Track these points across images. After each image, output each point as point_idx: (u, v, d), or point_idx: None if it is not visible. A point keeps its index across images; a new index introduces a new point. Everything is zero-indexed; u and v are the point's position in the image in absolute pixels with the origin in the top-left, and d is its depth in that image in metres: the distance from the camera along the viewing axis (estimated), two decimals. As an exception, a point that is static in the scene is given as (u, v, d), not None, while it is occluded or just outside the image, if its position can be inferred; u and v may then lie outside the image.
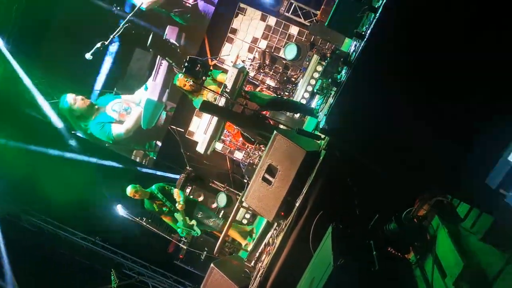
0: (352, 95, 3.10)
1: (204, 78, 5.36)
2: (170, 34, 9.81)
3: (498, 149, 2.57)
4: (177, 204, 6.82)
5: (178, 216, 6.92)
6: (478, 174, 2.65)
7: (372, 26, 2.97)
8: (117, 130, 10.42)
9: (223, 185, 9.43)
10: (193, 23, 9.69)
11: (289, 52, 8.01)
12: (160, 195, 6.91)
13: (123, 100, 10.37)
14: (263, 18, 9.45)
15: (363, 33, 3.16)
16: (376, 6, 3.05)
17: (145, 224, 6.20)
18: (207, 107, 5.28)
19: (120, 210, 6.09)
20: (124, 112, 10.33)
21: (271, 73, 8.76)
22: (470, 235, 3.45)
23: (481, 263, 3.23)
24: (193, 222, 6.95)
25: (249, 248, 5.98)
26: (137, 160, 10.66)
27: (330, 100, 3.45)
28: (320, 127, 3.29)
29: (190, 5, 9.62)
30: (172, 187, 7.09)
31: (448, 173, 3.09)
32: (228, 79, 5.46)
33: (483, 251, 3.26)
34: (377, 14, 2.92)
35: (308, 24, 9.00)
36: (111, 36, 9.66)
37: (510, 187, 2.17)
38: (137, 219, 6.19)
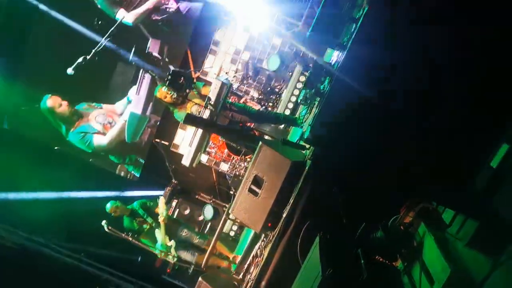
0: (336, 105, 3.12)
1: (187, 91, 5.35)
2: (153, 47, 9.77)
3: (481, 156, 2.60)
4: (159, 217, 6.66)
5: (158, 234, 6.75)
6: (463, 180, 2.68)
7: (353, 37, 3.00)
8: (99, 140, 10.29)
9: (209, 197, 9.37)
10: (177, 28, 9.65)
11: (272, 63, 8.03)
12: (141, 211, 6.80)
13: (105, 110, 10.26)
14: (246, 29, 9.48)
15: (344, 43, 3.20)
16: (357, 17, 3.09)
17: (131, 239, 6.10)
18: (191, 120, 5.27)
19: (105, 226, 5.99)
20: (109, 125, 10.22)
21: (254, 84, 8.78)
22: (456, 241, 3.49)
23: (468, 268, 3.26)
24: (172, 243, 6.78)
25: (237, 260, 5.94)
26: (122, 174, 10.53)
27: (314, 110, 3.47)
28: (305, 137, 3.31)
29: (173, 10, 9.62)
30: (154, 203, 6.98)
31: (432, 181, 3.12)
32: (211, 92, 5.46)
33: (469, 257, 3.29)
34: (358, 25, 2.96)
35: (290, 35, 9.05)
36: (93, 51, 9.63)
37: (493, 192, 2.19)
38: (123, 235, 6.09)
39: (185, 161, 5.65)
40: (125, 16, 9.51)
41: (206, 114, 5.46)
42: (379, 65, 2.88)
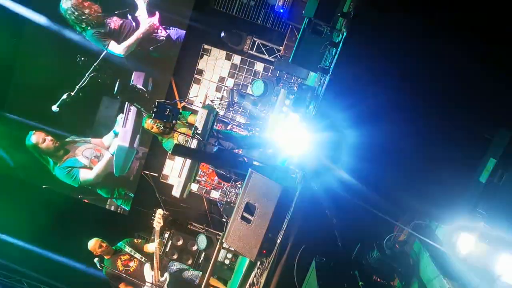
0: (323, 128, 3.14)
1: (174, 122, 5.34)
2: (137, 79, 9.81)
3: (470, 171, 2.63)
4: (155, 242, 6.21)
5: (147, 270, 6.25)
6: (454, 196, 2.70)
7: (334, 60, 3.05)
8: (86, 175, 10.20)
9: (202, 227, 9.27)
10: (169, 54, 9.73)
11: (257, 89, 8.11)
12: (128, 249, 6.32)
13: (93, 145, 10.22)
14: (228, 57, 9.59)
15: (326, 67, 3.25)
16: (337, 41, 3.14)
17: (124, 275, 5.97)
18: (179, 150, 5.25)
19: (98, 263, 5.86)
20: (96, 159, 10.16)
21: (240, 110, 8.83)
22: (452, 257, 3.48)
23: (466, 284, 3.25)
24: (166, 276, 6.29)
25: None
26: (112, 209, 10.41)
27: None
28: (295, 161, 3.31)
29: (164, 38, 9.71)
30: (143, 242, 6.62)
31: (424, 198, 3.14)
32: (198, 121, 5.46)
33: (466, 272, 3.28)
34: (339, 49, 3.01)
35: (273, 60, 9.17)
36: (77, 87, 9.65)
37: (485, 207, 2.21)
38: (116, 272, 5.96)
39: (176, 193, 5.60)
40: (116, 48, 9.62)
41: (193, 143, 5.46)
42: (361, 88, 2.92)
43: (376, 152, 3.03)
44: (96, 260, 5.90)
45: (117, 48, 9.62)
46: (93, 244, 6.19)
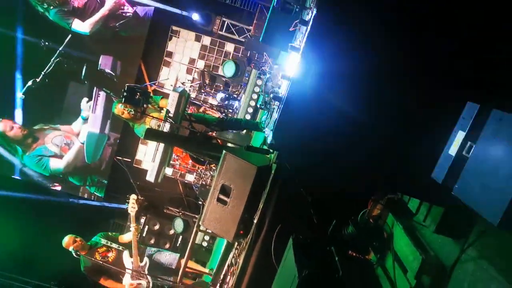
0: (295, 108, 3.14)
1: (145, 106, 5.27)
2: (104, 63, 9.61)
3: (440, 144, 2.68)
4: (131, 227, 6.20)
5: (126, 258, 6.23)
6: (424, 170, 2.76)
7: (305, 39, 3.03)
8: (56, 164, 10.01)
9: (178, 210, 9.27)
10: (138, 32, 9.50)
11: (228, 70, 8.05)
12: (104, 241, 6.27)
13: (62, 132, 10.00)
14: (197, 39, 9.48)
15: (297, 46, 3.23)
16: (307, 19, 3.13)
17: (101, 262, 5.92)
18: (152, 134, 5.19)
19: (73, 252, 5.79)
20: (66, 146, 9.96)
21: (212, 92, 8.76)
22: (424, 228, 3.58)
23: (438, 254, 3.35)
24: (145, 261, 6.31)
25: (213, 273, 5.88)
26: (85, 196, 10.28)
27: (275, 114, 3.48)
28: (268, 142, 3.31)
29: (130, 14, 9.47)
30: (117, 234, 6.56)
31: (395, 173, 3.19)
32: (170, 104, 5.39)
33: (438, 243, 3.38)
34: (309, 27, 3.00)
35: (243, 40, 9.10)
36: (43, 72, 9.36)
37: (454, 180, 2.26)
38: (93, 259, 5.90)
39: (150, 177, 5.55)
40: (81, 26, 9.33)
41: (166, 127, 5.40)
42: (335, 65, 2.92)
43: (348, 128, 3.06)
44: (71, 248, 5.83)
45: (81, 26, 9.33)
46: (67, 240, 6.08)
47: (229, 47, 9.39)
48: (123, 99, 5.14)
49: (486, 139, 2.15)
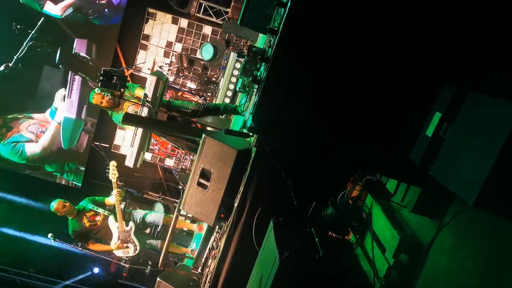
0: (274, 91, 3.13)
1: (122, 90, 5.18)
2: (79, 47, 9.38)
3: (418, 125, 2.71)
4: (113, 190, 6.30)
5: (112, 222, 6.39)
6: (402, 151, 2.80)
7: (283, 21, 3.00)
8: (32, 149, 9.79)
9: (158, 195, 9.24)
10: (109, 20, 9.27)
11: (206, 53, 7.97)
12: (91, 205, 6.42)
13: (37, 120, 9.78)
14: (174, 21, 9.33)
15: (275, 28, 3.20)
16: (285, 1, 3.10)
17: (81, 249, 5.89)
18: (130, 119, 5.12)
19: (51, 238, 5.75)
20: (42, 133, 9.75)
21: (190, 75, 8.67)
22: (402, 209, 3.64)
23: (415, 233, 3.42)
24: (130, 226, 6.47)
25: (195, 254, 5.91)
26: (63, 183, 10.12)
27: (254, 97, 3.47)
28: (248, 126, 3.30)
29: (104, 1, 9.21)
30: (103, 198, 6.66)
31: (374, 154, 3.22)
32: (147, 88, 5.32)
33: (415, 222, 3.45)
34: (287, 9, 2.97)
35: (221, 22, 8.99)
36: (15, 57, 9.10)
37: (431, 160, 2.30)
38: (73, 245, 5.86)
39: (129, 163, 5.51)
40: (53, 8, 9.03)
41: (144, 112, 5.33)
42: (313, 47, 2.91)
43: (326, 109, 3.06)
44: (50, 235, 5.80)
45: (54, 9, 9.02)
46: (56, 205, 6.21)
47: (207, 29, 9.27)
48: (99, 83, 5.04)
49: (462, 120, 2.19)
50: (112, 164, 6.42)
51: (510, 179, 1.85)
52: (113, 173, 6.33)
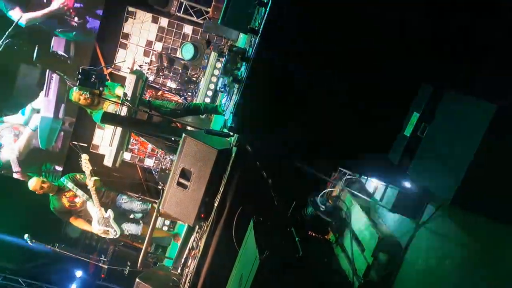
0: (254, 90, 3.13)
1: (101, 89, 5.11)
2: (57, 45, 9.22)
3: (396, 125, 2.75)
4: (87, 181, 6.16)
5: (92, 207, 6.29)
6: (380, 151, 2.83)
7: (264, 21, 3.01)
8: (7, 155, 9.59)
9: (137, 195, 9.13)
10: (80, 39, 9.11)
11: (186, 52, 7.93)
12: (70, 185, 6.26)
13: (9, 124, 9.56)
14: (154, 20, 9.25)
15: (256, 28, 3.20)
16: (265, 1, 3.10)
17: (58, 250, 5.79)
18: (109, 118, 5.06)
19: (28, 239, 5.62)
20: (16, 137, 9.54)
21: (170, 75, 8.62)
22: (381, 208, 3.68)
23: (394, 232, 3.46)
24: (109, 214, 6.40)
25: (179, 241, 5.89)
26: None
27: (234, 97, 3.46)
28: (228, 125, 3.29)
29: (76, 24, 9.05)
30: (85, 176, 6.44)
31: (353, 154, 3.25)
32: (127, 87, 5.26)
33: (394, 221, 3.49)
34: (267, 9, 2.97)
35: (201, 22, 8.95)
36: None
37: (409, 160, 2.33)
38: (49, 246, 5.75)
39: (107, 162, 5.44)
40: (18, 16, 8.80)
41: (123, 111, 5.27)
42: (294, 47, 2.92)
43: (305, 109, 3.08)
44: (26, 236, 5.68)
45: (18, 16, 8.77)
46: (34, 183, 6.08)
47: (187, 29, 9.22)
48: (77, 82, 4.97)
49: (439, 119, 2.22)
50: (84, 157, 6.30)
51: (486, 178, 1.89)
52: (86, 166, 6.22)
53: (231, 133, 4.61)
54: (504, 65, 2.46)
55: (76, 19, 8.92)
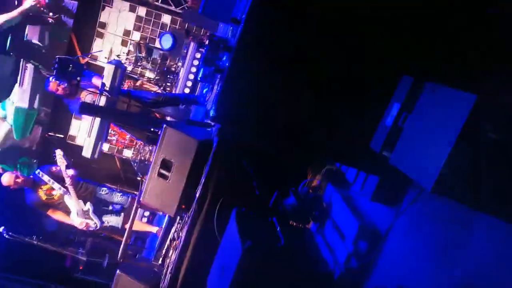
0: (237, 80, 3.14)
1: (79, 78, 5.02)
2: (31, 34, 8.97)
3: (377, 115, 2.79)
4: (64, 175, 6.08)
5: (70, 201, 6.18)
6: (362, 140, 2.87)
7: (246, 11, 3.01)
8: None
9: (115, 186, 9.05)
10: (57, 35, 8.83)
11: (165, 42, 7.83)
12: (46, 178, 6.10)
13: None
14: (132, 9, 9.10)
15: (238, 18, 3.20)
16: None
17: (36, 243, 5.69)
18: (87, 108, 4.98)
19: (4, 232, 5.51)
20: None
21: (149, 65, 8.52)
22: (361, 197, 3.75)
23: (373, 221, 3.53)
24: (88, 207, 6.30)
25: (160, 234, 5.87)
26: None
27: (216, 87, 3.46)
28: (211, 115, 3.29)
29: (52, 21, 8.77)
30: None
31: (335, 144, 3.29)
32: (105, 77, 5.18)
33: (374, 210, 3.56)
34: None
35: (180, 11, 8.85)
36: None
37: (390, 149, 2.38)
38: (27, 239, 5.65)
39: (86, 153, 5.36)
40: None
41: (102, 101, 5.19)
42: (276, 38, 2.93)
43: (287, 98, 3.10)
44: (1, 228, 5.56)
45: None
46: (7, 178, 5.94)
47: (166, 18, 9.09)
48: (54, 71, 4.87)
49: (420, 110, 2.27)
50: (58, 153, 6.20)
51: (465, 166, 1.94)
52: (61, 162, 6.14)
53: (212, 124, 4.60)
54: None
55: (51, 14, 8.65)
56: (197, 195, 4.48)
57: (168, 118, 6.60)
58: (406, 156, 2.27)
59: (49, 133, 8.69)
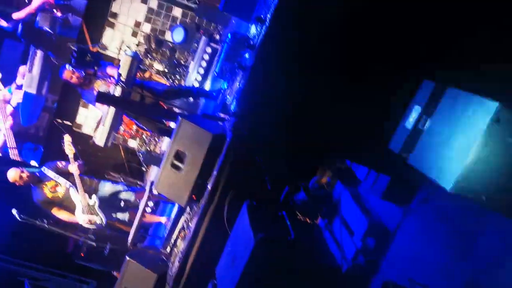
0: (259, 78, 3.24)
1: (96, 68, 5.12)
2: (43, 21, 9.04)
3: (390, 117, 2.91)
4: (69, 167, 6.10)
5: (73, 195, 6.14)
6: (377, 140, 2.98)
7: (272, 11, 3.11)
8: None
9: (118, 175, 9.15)
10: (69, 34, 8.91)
11: (177, 35, 7.91)
12: (51, 173, 6.10)
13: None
14: (144, 1, 9.19)
15: (262, 17, 3.30)
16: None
17: (47, 226, 5.76)
18: (104, 98, 5.07)
19: (17, 215, 5.56)
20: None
21: (159, 57, 8.60)
22: (369, 195, 3.87)
23: (382, 218, 3.66)
24: (94, 200, 6.25)
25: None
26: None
27: (238, 84, 3.57)
28: (231, 110, 3.40)
29: (61, 21, 8.81)
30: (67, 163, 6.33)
31: (351, 143, 3.40)
32: (122, 68, 5.27)
33: (383, 208, 3.69)
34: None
35: (192, 5, 8.94)
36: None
37: (409, 150, 2.50)
38: (38, 222, 5.71)
39: (100, 142, 5.45)
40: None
41: (117, 91, 5.29)
42: (300, 39, 3.04)
43: (303, 96, 3.20)
44: (14, 211, 5.63)
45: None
46: (13, 174, 5.92)
47: (177, 11, 9.18)
48: (72, 60, 4.97)
49: (440, 113, 2.39)
50: (67, 139, 6.25)
51: (485, 169, 2.07)
52: (69, 148, 6.17)
53: (226, 118, 4.71)
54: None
55: (59, 14, 8.70)
56: (209, 187, 4.59)
57: (176, 110, 6.69)
58: (425, 157, 2.39)
59: (57, 120, 8.76)
